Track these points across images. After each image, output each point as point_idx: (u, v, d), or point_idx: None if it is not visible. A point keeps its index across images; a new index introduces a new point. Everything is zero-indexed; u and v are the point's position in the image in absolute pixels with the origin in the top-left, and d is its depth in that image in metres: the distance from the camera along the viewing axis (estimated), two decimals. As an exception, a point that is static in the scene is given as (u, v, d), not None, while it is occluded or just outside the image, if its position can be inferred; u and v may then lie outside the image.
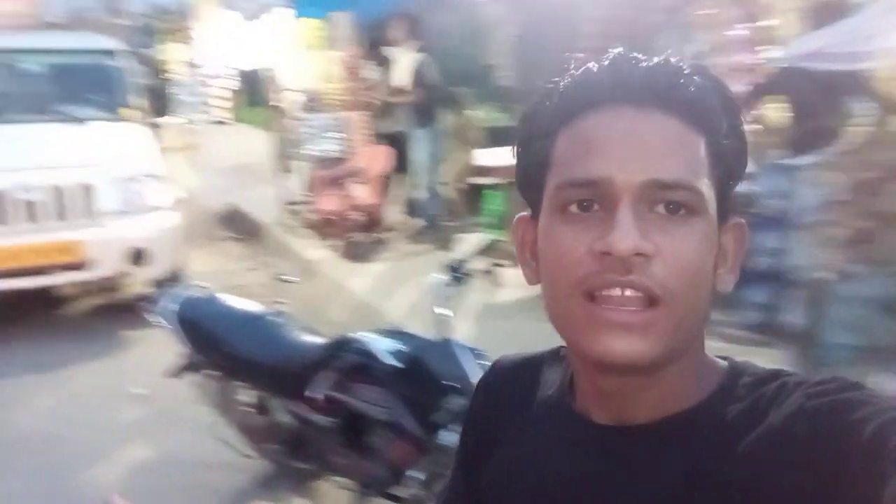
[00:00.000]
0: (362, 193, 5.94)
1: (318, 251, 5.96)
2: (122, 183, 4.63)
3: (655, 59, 0.61)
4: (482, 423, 0.78)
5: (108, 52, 5.64)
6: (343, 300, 5.07)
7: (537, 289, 0.65)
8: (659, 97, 0.58)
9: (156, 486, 3.16)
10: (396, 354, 2.22)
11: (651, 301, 0.57)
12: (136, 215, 4.63)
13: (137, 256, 4.57)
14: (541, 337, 0.76)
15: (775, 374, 0.61)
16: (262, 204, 7.50)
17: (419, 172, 6.20)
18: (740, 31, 4.37)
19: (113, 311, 4.67)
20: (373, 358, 2.24)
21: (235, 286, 5.54)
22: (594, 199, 0.58)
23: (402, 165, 6.33)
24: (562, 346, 0.73)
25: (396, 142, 6.31)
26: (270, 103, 7.20)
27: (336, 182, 5.97)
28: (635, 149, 0.58)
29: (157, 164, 4.92)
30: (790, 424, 0.55)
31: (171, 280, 4.50)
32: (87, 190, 4.51)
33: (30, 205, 4.38)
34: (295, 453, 2.65)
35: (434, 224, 6.08)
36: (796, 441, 0.54)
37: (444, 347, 2.17)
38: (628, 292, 0.57)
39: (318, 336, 2.63)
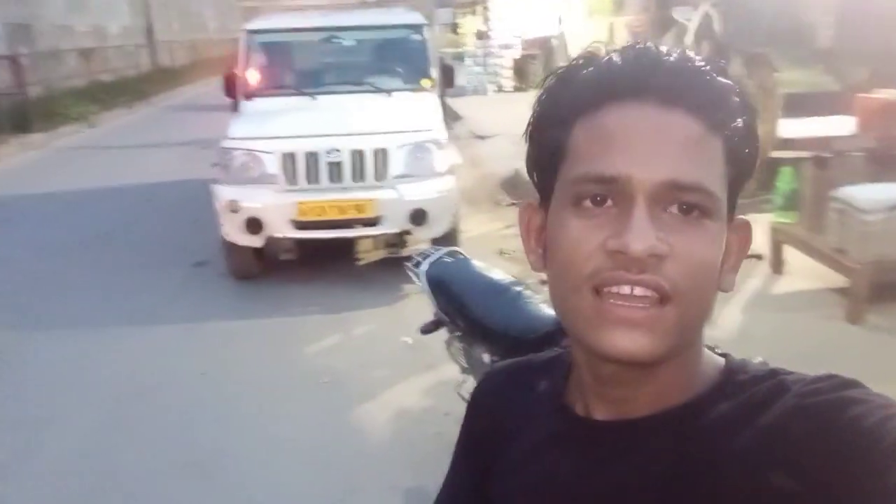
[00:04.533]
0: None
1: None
2: (411, 149, 5.04)
3: (678, 56, 0.59)
4: (480, 437, 0.80)
5: (416, 27, 6.08)
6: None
7: (825, 281, 0.63)
8: (684, 96, 0.58)
9: (409, 432, 3.42)
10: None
11: (661, 299, 0.57)
12: (421, 179, 5.01)
13: (419, 217, 4.95)
14: (822, 336, 0.68)
15: (772, 373, 0.61)
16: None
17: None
18: None
19: (397, 266, 5.10)
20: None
21: (503, 250, 5.75)
22: (609, 195, 0.58)
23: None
24: (556, 349, 0.77)
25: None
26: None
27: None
28: (657, 148, 0.57)
29: (441, 131, 5.23)
30: (785, 423, 0.55)
31: (445, 240, 4.78)
32: (382, 154, 4.98)
33: (336, 166, 4.97)
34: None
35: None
36: (791, 440, 0.54)
37: None
38: (638, 290, 0.57)
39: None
